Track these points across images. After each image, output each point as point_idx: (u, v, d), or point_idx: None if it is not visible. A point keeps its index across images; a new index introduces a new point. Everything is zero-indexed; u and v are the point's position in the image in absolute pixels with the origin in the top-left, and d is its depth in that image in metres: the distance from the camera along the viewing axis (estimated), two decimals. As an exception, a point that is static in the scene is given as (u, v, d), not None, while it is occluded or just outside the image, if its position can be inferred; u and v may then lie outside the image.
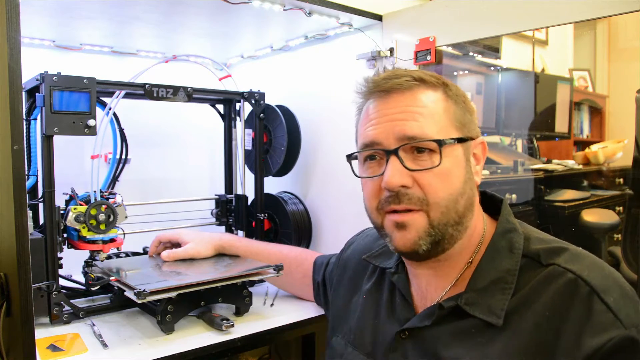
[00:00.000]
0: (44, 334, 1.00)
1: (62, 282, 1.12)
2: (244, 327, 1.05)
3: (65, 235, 1.09)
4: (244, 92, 1.38)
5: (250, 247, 1.23)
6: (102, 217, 1.09)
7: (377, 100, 0.76)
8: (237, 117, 1.45)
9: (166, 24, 1.31)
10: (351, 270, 0.97)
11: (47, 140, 1.02)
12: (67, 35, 1.40)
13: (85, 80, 1.04)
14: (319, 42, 1.46)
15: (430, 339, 0.73)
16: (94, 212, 1.08)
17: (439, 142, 0.71)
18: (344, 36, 1.39)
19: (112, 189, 1.32)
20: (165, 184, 1.67)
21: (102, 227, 1.09)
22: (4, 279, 0.76)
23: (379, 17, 1.28)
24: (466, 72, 1.67)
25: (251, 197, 1.44)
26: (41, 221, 1.12)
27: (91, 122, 1.04)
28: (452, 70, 1.45)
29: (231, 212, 1.47)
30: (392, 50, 1.27)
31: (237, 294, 1.12)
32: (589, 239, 1.41)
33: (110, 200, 1.12)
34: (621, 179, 1.58)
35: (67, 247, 1.10)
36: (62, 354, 0.92)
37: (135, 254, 1.31)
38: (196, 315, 1.10)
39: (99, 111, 1.13)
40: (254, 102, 1.39)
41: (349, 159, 0.81)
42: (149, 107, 1.40)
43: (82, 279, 1.16)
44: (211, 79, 1.40)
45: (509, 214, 0.77)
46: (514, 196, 1.57)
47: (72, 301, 1.07)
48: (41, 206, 1.09)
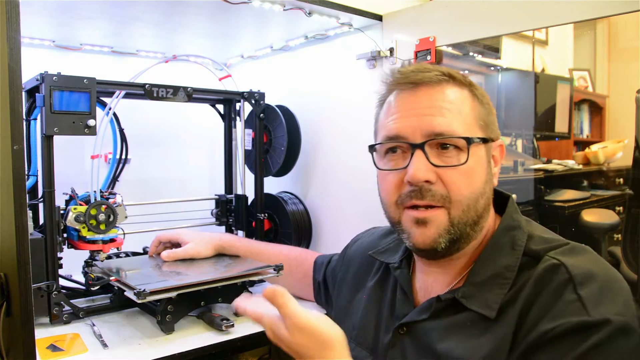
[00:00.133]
0: (44, 334, 1.00)
1: (62, 282, 1.12)
2: (244, 327, 1.05)
3: (65, 235, 1.09)
4: (244, 92, 1.38)
5: (250, 247, 1.23)
6: (102, 217, 1.09)
7: (403, 92, 0.75)
8: (237, 117, 1.45)
9: (166, 24, 1.31)
10: (356, 267, 0.97)
11: (47, 140, 1.02)
12: (67, 35, 1.40)
13: (85, 80, 1.04)
14: (319, 42, 1.46)
15: (426, 332, 0.73)
16: (94, 212, 1.08)
17: (468, 140, 0.70)
18: (344, 36, 1.39)
19: (112, 189, 1.32)
20: (165, 184, 1.67)
21: (102, 227, 1.09)
22: (4, 279, 0.76)
23: (379, 17, 1.28)
24: (466, 72, 1.67)
25: (251, 197, 1.44)
26: (41, 221, 1.12)
27: (91, 122, 1.04)
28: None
29: (231, 212, 1.47)
30: (392, 50, 1.27)
31: (237, 294, 1.12)
32: (589, 239, 1.41)
33: (110, 200, 1.12)
34: (621, 179, 1.58)
35: (67, 247, 1.10)
36: (62, 354, 0.92)
37: (135, 254, 1.31)
38: (196, 315, 1.10)
39: (99, 111, 1.13)
40: (254, 102, 1.39)
41: (371, 150, 0.79)
42: (149, 107, 1.40)
43: (82, 279, 1.16)
44: (211, 79, 1.40)
45: (515, 211, 0.77)
46: (514, 196, 1.57)
47: (72, 301, 1.07)
48: (41, 206, 1.09)
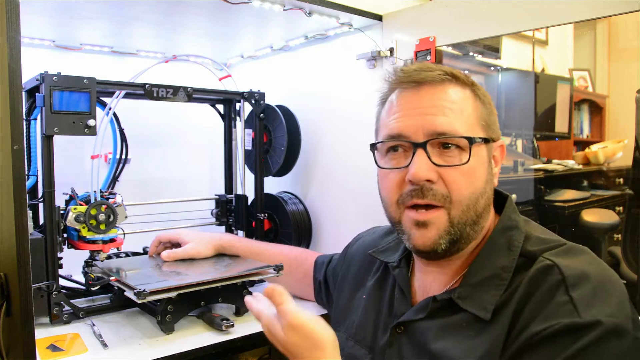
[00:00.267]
0: (44, 334, 1.00)
1: (62, 282, 1.12)
2: (244, 327, 1.05)
3: (65, 235, 1.09)
4: (244, 92, 1.38)
5: (250, 247, 1.23)
6: (102, 217, 1.09)
7: (406, 91, 0.75)
8: (237, 117, 1.45)
9: (166, 24, 1.31)
10: (356, 265, 0.97)
11: (47, 140, 1.02)
12: (67, 35, 1.40)
13: (85, 80, 1.04)
14: (319, 42, 1.46)
15: (422, 332, 0.73)
16: (94, 212, 1.08)
17: (470, 140, 0.70)
18: (344, 36, 1.39)
19: (112, 189, 1.32)
20: (165, 184, 1.67)
21: (102, 227, 1.09)
22: (4, 279, 0.76)
23: (379, 17, 1.28)
24: (466, 72, 1.67)
25: (251, 197, 1.44)
26: (41, 221, 1.12)
27: (91, 122, 1.04)
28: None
29: (231, 212, 1.47)
30: (392, 50, 1.27)
31: (237, 294, 1.12)
32: (589, 239, 1.41)
33: (110, 200, 1.12)
34: (621, 179, 1.58)
35: (67, 247, 1.10)
36: (62, 354, 0.92)
37: (135, 254, 1.31)
38: (196, 315, 1.10)
39: (99, 111, 1.13)
40: (254, 102, 1.39)
41: (372, 148, 0.79)
42: (149, 107, 1.40)
43: (82, 279, 1.16)
44: (211, 79, 1.40)
45: (513, 211, 0.77)
46: (514, 196, 1.57)
47: (72, 301, 1.07)
48: (41, 206, 1.09)
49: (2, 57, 0.69)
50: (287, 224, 1.49)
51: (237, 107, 1.45)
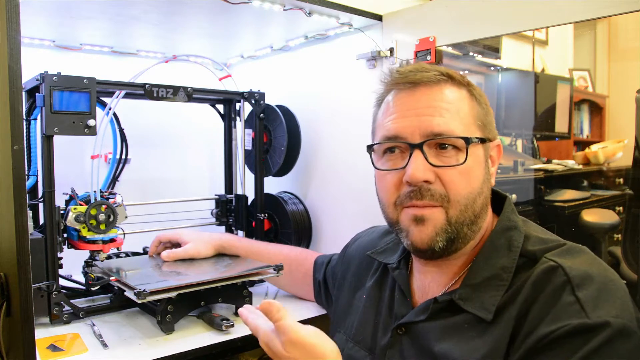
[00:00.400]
0: (44, 334, 1.00)
1: (62, 282, 1.12)
2: (244, 327, 1.04)
3: (65, 235, 1.08)
4: (244, 92, 1.38)
5: (250, 247, 1.23)
6: (102, 217, 1.09)
7: (402, 92, 0.75)
8: (237, 117, 1.45)
9: (166, 24, 1.31)
10: (355, 266, 0.97)
11: (47, 140, 1.02)
12: (67, 35, 1.40)
13: (85, 80, 1.04)
14: (319, 42, 1.46)
15: (424, 333, 0.73)
16: (94, 212, 1.08)
17: (467, 140, 0.70)
18: (344, 36, 1.39)
19: (112, 189, 1.32)
20: (165, 184, 1.67)
21: (102, 227, 1.09)
22: (4, 279, 0.76)
23: (379, 17, 1.28)
24: (466, 72, 1.67)
25: (251, 197, 1.44)
26: (41, 221, 1.12)
27: (91, 122, 1.04)
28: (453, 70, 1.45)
29: (231, 212, 1.47)
30: (392, 50, 1.27)
31: (237, 294, 1.12)
32: (589, 239, 1.41)
33: (110, 200, 1.12)
34: (621, 179, 1.58)
35: (67, 247, 1.10)
36: (62, 354, 0.92)
37: (135, 254, 1.31)
38: (196, 315, 1.10)
39: (99, 111, 1.13)
40: (254, 102, 1.39)
41: (369, 149, 0.79)
42: (149, 107, 1.40)
43: (82, 279, 1.16)
44: (211, 79, 1.40)
45: (512, 211, 0.77)
46: (514, 196, 1.57)
47: (72, 301, 1.07)
48: (41, 206, 1.09)
49: (2, 57, 0.69)
50: (287, 224, 1.49)
51: (237, 107, 1.45)
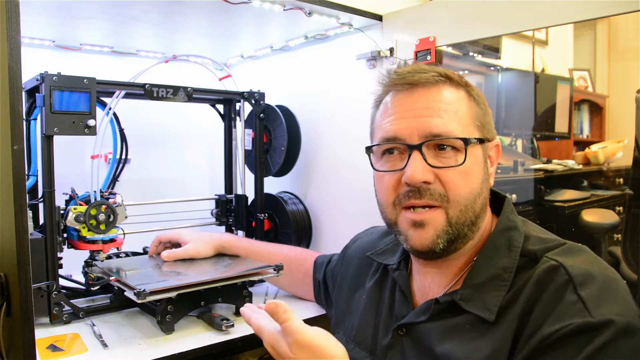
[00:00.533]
0: (44, 334, 1.00)
1: (62, 282, 1.12)
2: (244, 327, 1.05)
3: (65, 235, 1.08)
4: (244, 92, 1.38)
5: (250, 247, 1.23)
6: (102, 217, 1.09)
7: (400, 93, 0.75)
8: (237, 117, 1.45)
9: (166, 24, 1.31)
10: (355, 267, 0.97)
11: (47, 140, 1.02)
12: (67, 35, 1.40)
13: (85, 80, 1.04)
14: (319, 42, 1.46)
15: (425, 334, 0.73)
16: (94, 212, 1.08)
17: (465, 141, 0.70)
18: (344, 36, 1.39)
19: (112, 189, 1.32)
20: (165, 184, 1.67)
21: (102, 227, 1.09)
22: (4, 279, 0.76)
23: (379, 17, 1.28)
24: (466, 72, 1.67)
25: (251, 197, 1.44)
26: (41, 221, 1.12)
27: (91, 122, 1.04)
28: (452, 70, 1.45)
29: (231, 212, 1.47)
30: (392, 50, 1.27)
31: (237, 294, 1.12)
32: (589, 239, 1.41)
33: (110, 200, 1.12)
34: (621, 179, 1.58)
35: (67, 247, 1.10)
36: (62, 354, 0.92)
37: (135, 254, 1.31)
38: (196, 315, 1.10)
39: (99, 111, 1.13)
40: (254, 102, 1.39)
41: (367, 151, 0.79)
42: (149, 107, 1.40)
43: (82, 279, 1.16)
44: (211, 79, 1.40)
45: (511, 212, 0.77)
46: (514, 196, 1.57)
47: (72, 301, 1.07)
48: (41, 206, 1.09)
49: (2, 57, 0.69)
50: (287, 224, 1.49)
51: (237, 107, 1.45)
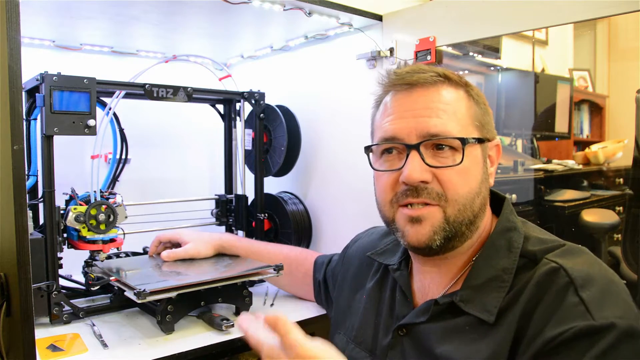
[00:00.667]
0: (44, 334, 1.00)
1: (62, 282, 1.12)
2: (244, 327, 1.05)
3: (65, 235, 1.08)
4: (244, 92, 1.38)
5: (250, 247, 1.23)
6: (102, 217, 1.09)
7: (399, 93, 0.76)
8: (237, 117, 1.45)
9: (166, 24, 1.31)
10: (355, 267, 0.97)
11: (47, 140, 1.02)
12: (67, 35, 1.40)
13: (85, 80, 1.04)
14: (319, 42, 1.46)
15: (425, 335, 0.73)
16: (94, 212, 1.08)
17: (463, 141, 0.71)
18: (344, 36, 1.39)
19: (112, 189, 1.32)
20: (165, 184, 1.67)
21: (102, 227, 1.09)
22: (4, 279, 0.76)
23: (379, 17, 1.28)
24: (466, 72, 1.67)
25: (251, 197, 1.44)
26: (41, 221, 1.12)
27: (91, 122, 1.04)
28: (452, 70, 1.45)
29: (231, 212, 1.47)
30: (392, 50, 1.27)
31: (237, 294, 1.12)
32: (589, 239, 1.41)
33: (110, 200, 1.12)
34: (621, 179, 1.58)
35: (67, 247, 1.10)
36: (62, 354, 0.92)
37: (135, 254, 1.31)
38: (196, 315, 1.10)
39: (99, 111, 1.12)
40: (254, 102, 1.39)
41: (367, 150, 0.80)
42: (149, 107, 1.40)
43: (82, 279, 1.16)
44: (211, 79, 1.40)
45: (511, 212, 0.77)
46: (514, 196, 1.57)
47: (72, 301, 1.07)
48: (41, 206, 1.09)
49: (2, 57, 0.69)
50: (287, 224, 1.49)
51: (237, 107, 1.45)
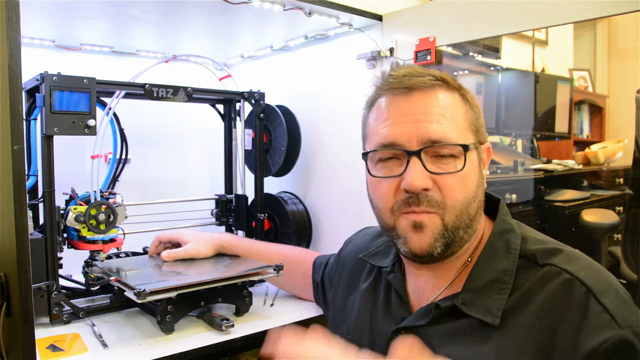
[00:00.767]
0: (44, 334, 1.00)
1: (62, 282, 1.12)
2: (244, 327, 1.05)
3: (65, 235, 1.08)
4: (244, 92, 1.38)
5: (250, 247, 1.23)
6: (102, 217, 1.09)
7: (397, 97, 0.74)
8: (237, 117, 1.45)
9: (166, 24, 1.31)
10: (348, 269, 0.97)
11: (47, 140, 1.02)
12: (67, 35, 1.40)
13: (85, 80, 1.04)
14: (319, 42, 1.46)
15: (425, 338, 0.72)
16: (94, 212, 1.08)
17: (465, 147, 0.70)
18: (344, 36, 1.39)
19: (112, 189, 1.32)
20: (165, 184, 1.67)
21: (102, 227, 1.09)
22: (4, 279, 0.76)
23: (379, 17, 1.28)
24: (466, 72, 1.67)
25: (251, 197, 1.44)
26: (41, 221, 1.12)
27: (91, 122, 1.04)
28: (452, 70, 1.45)
29: (231, 212, 1.47)
30: (392, 50, 1.27)
31: (237, 294, 1.12)
32: (589, 239, 1.41)
33: (110, 200, 1.12)
34: (621, 179, 1.58)
35: (67, 247, 1.10)
36: (62, 354, 0.92)
37: (135, 254, 1.31)
38: (196, 315, 1.10)
39: (99, 111, 1.12)
40: (254, 102, 1.39)
41: (364, 157, 0.78)
42: (149, 107, 1.40)
43: (82, 279, 1.16)
44: (211, 79, 1.40)
45: (506, 214, 0.77)
46: (514, 196, 1.57)
47: (72, 301, 1.07)
48: (41, 206, 1.09)
49: (2, 57, 0.69)
50: (287, 224, 1.49)
51: (237, 107, 1.45)
